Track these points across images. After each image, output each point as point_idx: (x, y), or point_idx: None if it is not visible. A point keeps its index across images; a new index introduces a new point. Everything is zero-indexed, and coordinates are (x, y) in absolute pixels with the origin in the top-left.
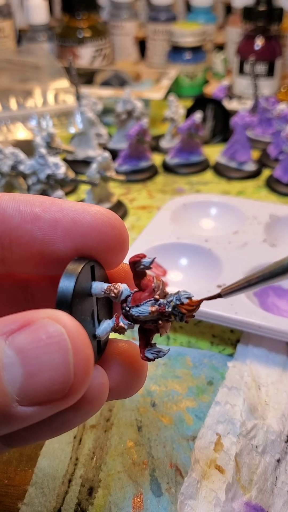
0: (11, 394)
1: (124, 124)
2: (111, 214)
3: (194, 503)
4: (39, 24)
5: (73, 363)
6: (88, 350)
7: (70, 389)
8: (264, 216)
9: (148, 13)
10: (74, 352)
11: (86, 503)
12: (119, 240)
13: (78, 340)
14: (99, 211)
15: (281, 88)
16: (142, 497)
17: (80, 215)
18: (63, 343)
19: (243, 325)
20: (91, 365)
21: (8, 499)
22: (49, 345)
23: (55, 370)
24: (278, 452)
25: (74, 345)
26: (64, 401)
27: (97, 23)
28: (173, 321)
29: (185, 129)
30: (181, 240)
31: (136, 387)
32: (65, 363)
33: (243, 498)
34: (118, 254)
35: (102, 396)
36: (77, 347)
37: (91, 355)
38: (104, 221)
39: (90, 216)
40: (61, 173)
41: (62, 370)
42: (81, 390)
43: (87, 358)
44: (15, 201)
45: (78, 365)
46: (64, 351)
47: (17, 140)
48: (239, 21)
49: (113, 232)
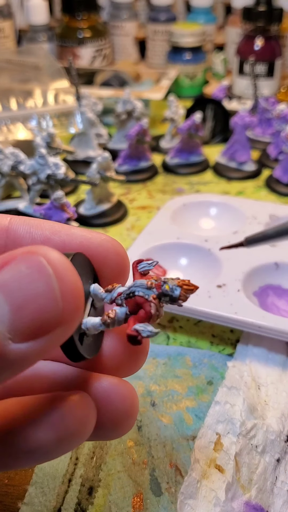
0: (2, 333)
1: (124, 125)
2: (116, 242)
3: (194, 502)
4: (39, 25)
5: (58, 288)
6: (72, 274)
7: (62, 316)
8: (264, 216)
9: (148, 13)
10: (57, 278)
11: (86, 502)
12: (121, 266)
13: (60, 266)
14: (105, 239)
15: (280, 89)
16: (142, 496)
17: (88, 240)
18: (44, 270)
19: (243, 325)
20: (79, 289)
21: (8, 498)
22: (30, 274)
23: (41, 298)
24: (278, 452)
25: (56, 271)
26: (58, 331)
27: (97, 23)
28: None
29: (185, 129)
30: (181, 240)
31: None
32: (50, 289)
33: (243, 498)
34: (119, 278)
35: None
36: (59, 272)
37: (77, 280)
38: (109, 247)
39: (97, 242)
40: (61, 173)
41: (48, 297)
42: (74, 316)
43: (73, 282)
44: (26, 224)
45: (64, 289)
46: (46, 278)
47: (17, 140)
48: (239, 21)
49: (116, 258)
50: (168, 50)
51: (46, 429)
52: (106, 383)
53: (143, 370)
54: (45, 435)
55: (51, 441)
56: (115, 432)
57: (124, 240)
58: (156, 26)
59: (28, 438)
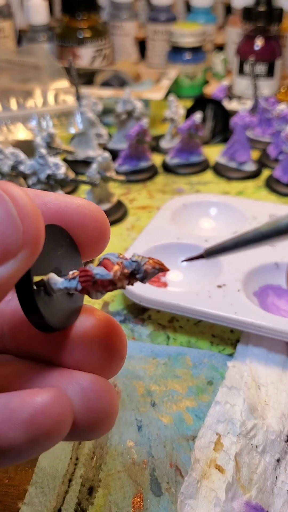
0: None
1: (124, 125)
2: (93, 207)
3: (194, 502)
4: (39, 25)
5: (15, 212)
6: (28, 199)
7: (24, 239)
8: (264, 216)
9: (148, 13)
10: (14, 203)
11: (86, 502)
12: (100, 232)
13: (16, 193)
14: (81, 204)
15: (280, 89)
16: (142, 496)
17: (63, 208)
18: (1, 198)
19: (243, 325)
20: (36, 212)
21: (8, 498)
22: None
23: (1, 223)
24: (278, 452)
25: (12, 198)
26: (23, 253)
27: (97, 23)
28: (133, 271)
29: (185, 129)
30: (181, 240)
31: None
32: (7, 213)
33: (243, 498)
34: (98, 245)
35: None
36: (14, 198)
37: (34, 204)
38: (86, 214)
39: (73, 209)
40: (61, 173)
41: (6, 221)
42: (37, 237)
43: (29, 205)
44: None
45: (22, 213)
46: (2, 203)
47: (17, 140)
48: (239, 21)
49: (95, 224)
50: (168, 50)
51: (17, 428)
52: (83, 380)
53: (143, 370)
54: (16, 435)
55: (23, 441)
56: (92, 433)
57: (124, 240)
58: (156, 26)
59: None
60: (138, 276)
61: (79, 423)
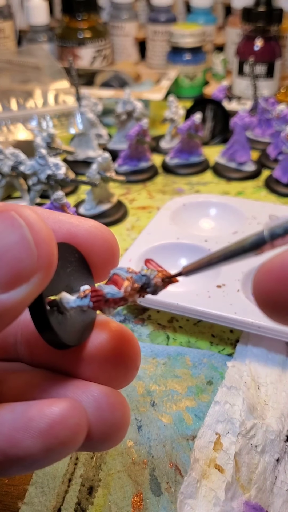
0: None
1: (124, 125)
2: (104, 229)
3: (193, 502)
4: (40, 25)
5: (31, 237)
6: (43, 224)
7: (38, 263)
8: (263, 216)
9: (148, 14)
10: (29, 228)
11: (86, 502)
12: (110, 253)
13: (31, 218)
14: (93, 225)
15: (280, 89)
16: (142, 496)
17: (75, 227)
18: (16, 223)
19: (242, 325)
20: (51, 236)
21: (8, 498)
22: (4, 228)
23: (16, 248)
24: (277, 452)
25: (27, 222)
26: (36, 277)
27: (97, 24)
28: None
29: (185, 129)
30: (181, 240)
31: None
32: (23, 239)
33: (243, 498)
34: (108, 265)
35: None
36: (30, 223)
37: (48, 229)
38: (97, 234)
39: (85, 229)
40: (61, 173)
41: (22, 246)
42: (50, 261)
43: (44, 230)
44: None
45: (37, 237)
46: (19, 229)
47: (18, 140)
48: (239, 22)
49: (105, 245)
50: (168, 51)
51: (34, 437)
52: (97, 392)
53: (143, 370)
54: (33, 444)
55: (40, 449)
56: (104, 444)
57: (124, 240)
58: (156, 27)
59: (16, 446)
60: (148, 289)
61: (93, 434)
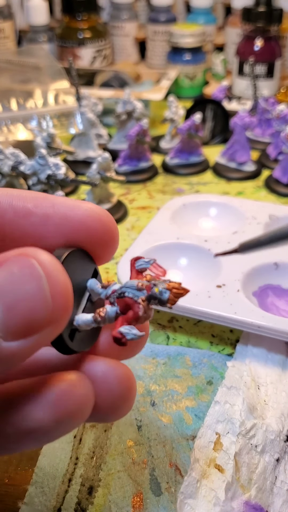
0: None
1: (124, 125)
2: (101, 211)
3: (193, 502)
4: (40, 25)
5: (48, 289)
6: (62, 275)
7: (52, 316)
8: (263, 216)
9: (148, 14)
10: (47, 279)
11: (86, 502)
12: (108, 236)
13: (50, 267)
14: (90, 208)
15: (280, 89)
16: (142, 496)
17: (71, 211)
18: (35, 272)
19: (242, 325)
20: (68, 290)
21: (8, 498)
22: (22, 276)
23: (32, 298)
24: (277, 452)
25: (46, 273)
26: (48, 330)
27: (97, 24)
28: (156, 304)
29: (185, 129)
30: (181, 240)
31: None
32: (40, 290)
33: (243, 498)
34: (107, 249)
35: (85, 408)
36: (50, 274)
37: (66, 281)
38: (95, 217)
39: (81, 212)
40: (61, 173)
41: (38, 297)
42: (63, 316)
43: (62, 283)
44: (9, 196)
45: (54, 290)
46: (37, 279)
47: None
48: (239, 22)
49: (103, 228)
50: (168, 51)
51: (45, 408)
52: (103, 365)
53: (143, 370)
54: (44, 415)
55: (50, 420)
56: (112, 415)
57: (124, 240)
58: (156, 27)
59: (27, 418)
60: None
61: (100, 406)
